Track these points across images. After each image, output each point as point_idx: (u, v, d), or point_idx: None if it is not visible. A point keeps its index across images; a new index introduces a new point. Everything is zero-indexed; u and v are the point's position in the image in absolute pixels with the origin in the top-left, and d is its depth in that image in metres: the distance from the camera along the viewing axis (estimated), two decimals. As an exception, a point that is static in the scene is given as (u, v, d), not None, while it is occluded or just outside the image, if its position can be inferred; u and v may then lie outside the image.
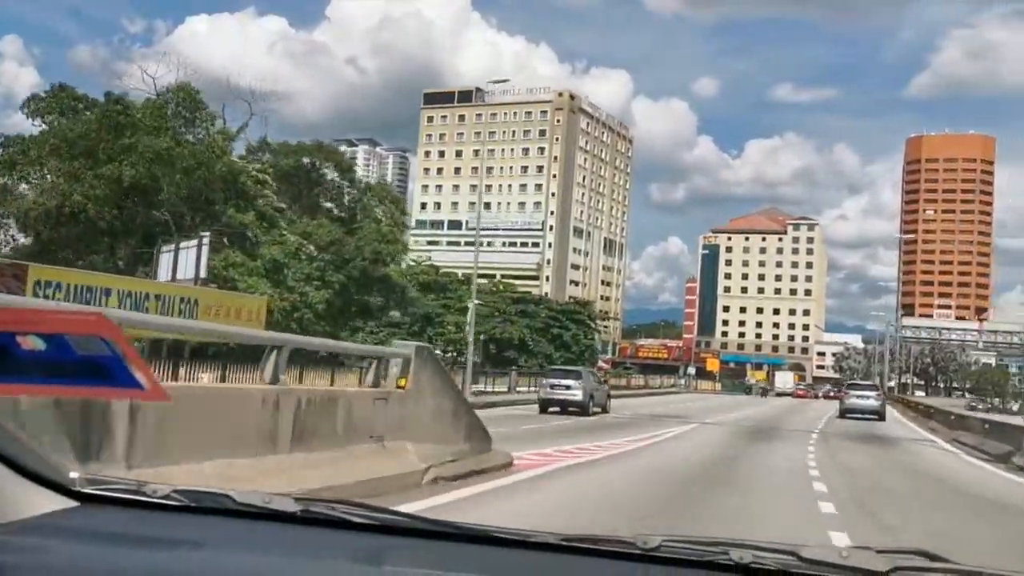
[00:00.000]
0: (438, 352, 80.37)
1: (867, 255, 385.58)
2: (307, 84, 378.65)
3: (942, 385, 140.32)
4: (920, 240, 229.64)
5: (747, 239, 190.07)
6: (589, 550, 1.53)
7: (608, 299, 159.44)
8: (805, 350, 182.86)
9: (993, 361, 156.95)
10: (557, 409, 27.94)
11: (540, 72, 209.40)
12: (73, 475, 1.65)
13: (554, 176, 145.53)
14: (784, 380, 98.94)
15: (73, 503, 1.62)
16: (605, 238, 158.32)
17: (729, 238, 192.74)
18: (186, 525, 1.64)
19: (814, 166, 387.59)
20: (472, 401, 29.31)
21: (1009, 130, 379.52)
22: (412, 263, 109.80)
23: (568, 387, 27.84)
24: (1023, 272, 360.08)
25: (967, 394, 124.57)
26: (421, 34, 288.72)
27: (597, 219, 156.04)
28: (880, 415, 34.98)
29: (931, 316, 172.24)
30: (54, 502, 1.59)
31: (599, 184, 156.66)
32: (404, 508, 1.59)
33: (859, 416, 34.98)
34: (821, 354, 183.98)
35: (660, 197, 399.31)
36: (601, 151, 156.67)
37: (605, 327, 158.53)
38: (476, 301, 33.14)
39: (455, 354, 79.23)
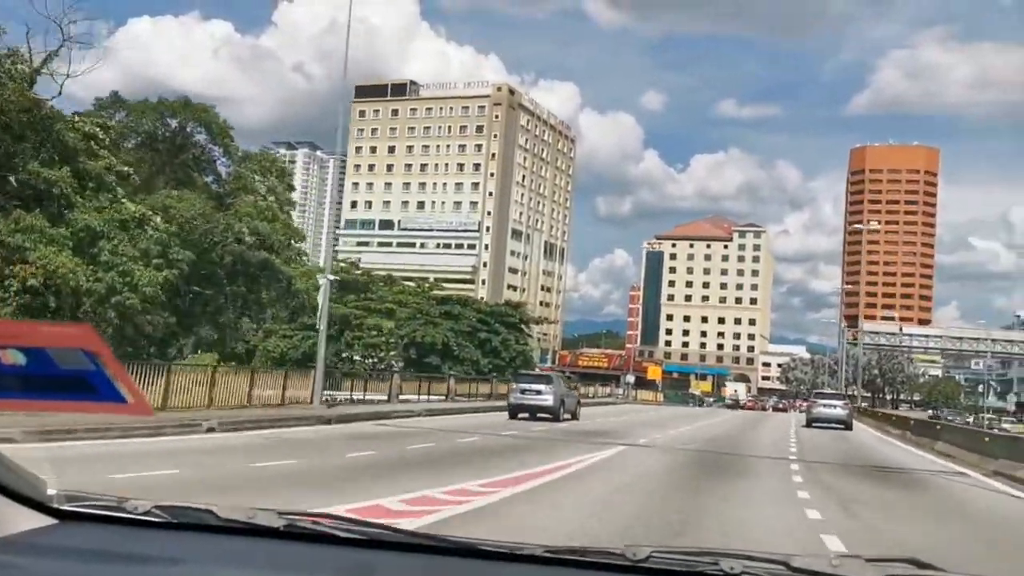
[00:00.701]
0: (356, 358, 71.74)
1: (808, 270, 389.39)
2: (253, 90, 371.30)
3: (889, 397, 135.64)
4: (864, 251, 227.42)
5: (692, 246, 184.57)
6: (577, 562, 1.52)
7: (548, 305, 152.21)
8: (750, 360, 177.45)
9: (939, 372, 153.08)
10: (526, 415, 26.91)
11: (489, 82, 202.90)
12: (51, 491, 1.61)
13: (492, 175, 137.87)
14: (735, 391, 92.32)
15: (52, 520, 1.58)
16: (546, 241, 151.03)
17: (673, 244, 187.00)
18: (168, 542, 1.60)
19: (757, 181, 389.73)
20: (311, 415, 21.20)
21: (945, 149, 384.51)
22: (343, 263, 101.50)
23: (539, 392, 27.14)
24: (958, 287, 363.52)
25: (914, 406, 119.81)
26: (369, 42, 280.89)
27: (537, 221, 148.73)
28: (847, 425, 35.22)
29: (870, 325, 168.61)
30: (32, 520, 1.54)
31: (539, 185, 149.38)
32: None
33: (826, 425, 35.13)
34: (766, 365, 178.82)
35: (607, 210, 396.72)
36: (542, 150, 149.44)
37: (544, 335, 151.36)
38: (326, 277, 25.22)
39: (375, 360, 71.40)
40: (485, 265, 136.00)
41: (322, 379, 22.05)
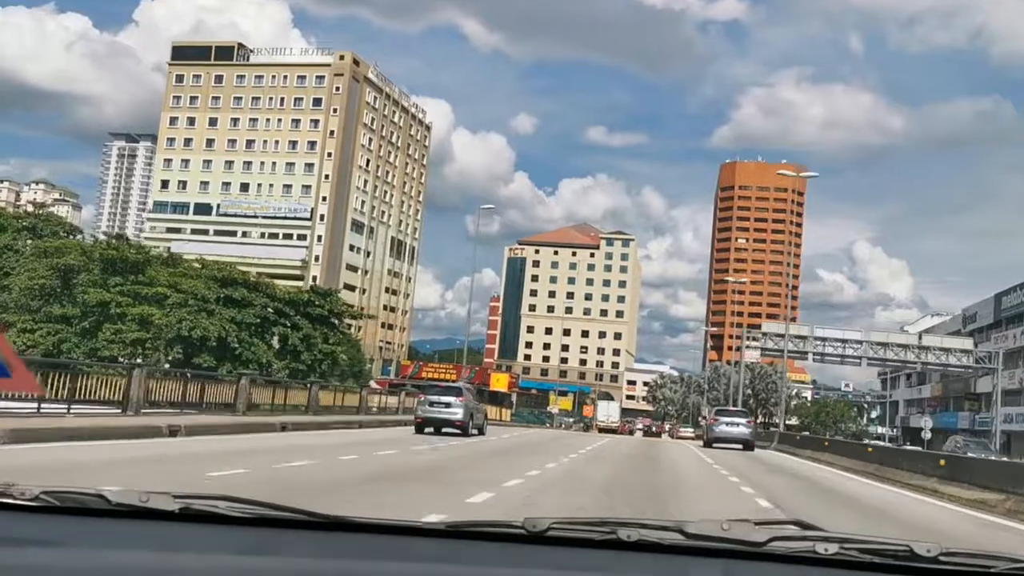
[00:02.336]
0: (122, 358, 52.59)
1: (668, 295, 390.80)
2: (108, 87, 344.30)
3: (761, 420, 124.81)
4: (731, 269, 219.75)
5: (556, 252, 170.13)
6: (477, 534, 1.54)
7: (394, 310, 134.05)
8: (614, 377, 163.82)
9: (809, 395, 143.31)
10: (431, 430, 25.01)
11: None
12: None
13: (329, 155, 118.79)
14: (608, 412, 76.33)
15: None
16: (393, 237, 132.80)
17: (537, 251, 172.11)
18: (56, 526, 1.55)
19: (623, 207, 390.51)
20: None
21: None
22: (103, 236, 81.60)
23: (448, 405, 25.32)
24: (806, 316, 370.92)
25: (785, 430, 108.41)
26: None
27: (383, 213, 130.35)
28: (749, 445, 32.45)
29: (739, 350, 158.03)
30: None
31: (387, 172, 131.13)
32: None
33: (727, 446, 31.66)
34: (631, 383, 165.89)
35: (476, 229, 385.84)
36: (392, 133, 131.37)
37: (388, 343, 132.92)
38: None
39: (138, 360, 52.19)
40: (317, 259, 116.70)
41: None
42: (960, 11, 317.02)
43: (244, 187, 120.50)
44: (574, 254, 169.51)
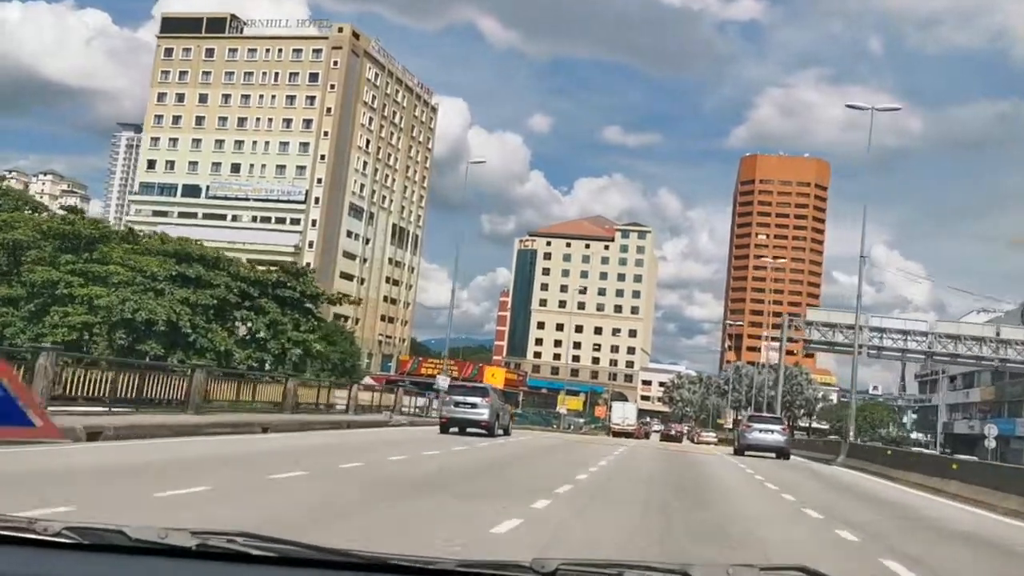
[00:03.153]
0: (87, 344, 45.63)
1: (683, 296, 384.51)
2: (127, 82, 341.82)
3: (787, 423, 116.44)
4: (751, 266, 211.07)
5: (569, 245, 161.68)
6: (486, 575, 1.55)
7: (396, 302, 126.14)
8: (629, 377, 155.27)
9: (835, 398, 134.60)
10: (456, 430, 25.13)
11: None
12: None
13: (326, 135, 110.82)
14: (624, 413, 68.43)
15: None
16: (394, 224, 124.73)
17: (548, 243, 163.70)
18: (78, 564, 1.55)
19: (639, 207, 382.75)
20: None
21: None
22: (61, 211, 74.16)
23: (473, 405, 25.37)
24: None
25: (811, 433, 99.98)
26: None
27: (384, 198, 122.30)
28: (783, 453, 30.73)
29: (758, 350, 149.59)
30: None
31: (389, 155, 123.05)
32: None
33: (760, 454, 30.12)
34: (647, 383, 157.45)
35: (491, 228, 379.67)
36: (394, 113, 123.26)
37: (388, 337, 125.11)
38: None
39: (85, 346, 45.26)
40: (311, 245, 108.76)
41: None
42: (980, 12, 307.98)
43: (235, 168, 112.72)
44: (588, 246, 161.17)
